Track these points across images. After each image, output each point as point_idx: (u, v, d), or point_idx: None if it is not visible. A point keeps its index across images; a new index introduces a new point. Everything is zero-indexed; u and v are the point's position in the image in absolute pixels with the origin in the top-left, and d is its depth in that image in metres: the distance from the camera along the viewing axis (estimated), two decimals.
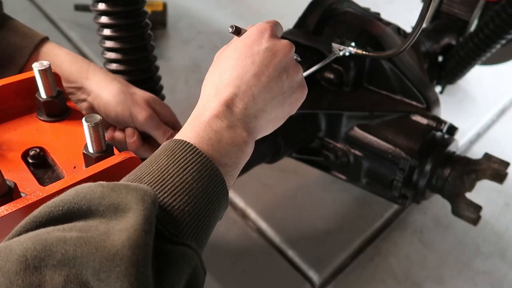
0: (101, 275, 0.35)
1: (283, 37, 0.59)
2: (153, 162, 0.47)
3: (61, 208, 0.39)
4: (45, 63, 0.64)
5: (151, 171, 0.46)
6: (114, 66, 0.82)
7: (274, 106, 0.55)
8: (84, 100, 0.76)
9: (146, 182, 0.44)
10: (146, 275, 0.36)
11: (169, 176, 0.45)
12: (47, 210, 0.39)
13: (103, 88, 0.74)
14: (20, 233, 0.38)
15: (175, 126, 0.78)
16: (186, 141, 0.48)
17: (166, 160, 0.46)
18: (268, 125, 0.58)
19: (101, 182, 0.43)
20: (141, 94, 0.76)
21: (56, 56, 0.76)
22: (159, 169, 0.46)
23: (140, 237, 0.37)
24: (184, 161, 0.46)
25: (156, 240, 0.39)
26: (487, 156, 0.87)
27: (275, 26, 0.58)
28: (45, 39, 0.77)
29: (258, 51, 0.54)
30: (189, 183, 0.45)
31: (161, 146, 0.49)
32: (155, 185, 0.44)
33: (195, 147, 0.47)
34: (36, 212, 0.40)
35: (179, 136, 0.50)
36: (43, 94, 0.66)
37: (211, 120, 0.51)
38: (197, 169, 0.46)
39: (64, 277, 0.34)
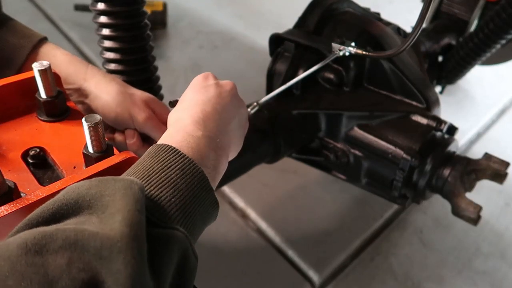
0: (102, 253, 0.36)
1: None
2: (138, 164, 0.50)
3: (51, 207, 0.41)
4: (45, 63, 0.64)
5: (137, 171, 0.48)
6: (112, 66, 0.82)
7: (235, 125, 0.62)
8: (82, 102, 0.76)
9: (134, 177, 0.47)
10: (144, 250, 0.38)
11: (154, 173, 0.48)
12: (38, 211, 0.40)
13: (102, 90, 0.74)
14: (14, 234, 0.39)
15: None
16: (168, 145, 0.51)
17: (151, 161, 0.50)
18: (236, 140, 0.63)
19: (89, 179, 0.44)
20: (139, 95, 0.76)
21: (54, 57, 0.76)
22: (144, 168, 0.49)
23: (135, 215, 0.39)
24: (167, 161, 0.49)
25: (147, 226, 0.41)
26: (487, 156, 0.87)
27: (213, 74, 0.67)
28: (43, 40, 0.77)
29: (208, 85, 0.62)
30: (173, 179, 0.48)
31: (147, 151, 0.52)
32: (142, 179, 0.47)
33: (177, 149, 0.51)
34: (29, 215, 0.41)
35: (160, 142, 0.54)
36: (43, 94, 0.66)
37: (188, 129, 0.55)
38: (180, 168, 0.49)
39: (66, 259, 0.35)
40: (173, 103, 0.69)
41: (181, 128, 0.55)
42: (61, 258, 0.35)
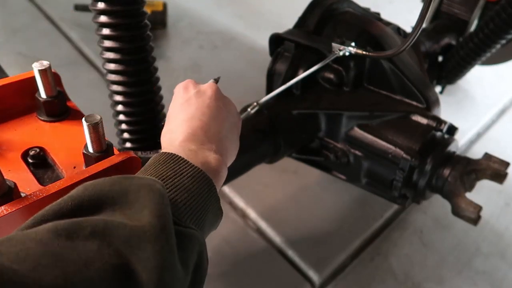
0: (132, 241, 0.37)
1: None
2: (148, 169, 0.51)
3: (69, 203, 0.41)
4: (45, 63, 0.64)
5: (151, 174, 0.49)
6: (112, 66, 0.82)
7: (227, 127, 0.62)
8: None
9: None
10: (173, 240, 0.40)
11: (168, 178, 0.49)
12: (55, 208, 0.41)
13: None
14: (28, 227, 0.39)
15: None
16: (176, 154, 0.53)
17: (162, 167, 0.51)
18: (231, 144, 0.63)
19: (108, 178, 0.45)
20: None
21: None
22: (157, 173, 0.50)
23: (162, 208, 0.41)
24: (178, 168, 0.51)
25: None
26: (487, 156, 0.87)
27: (193, 81, 0.68)
28: None
29: (190, 96, 0.63)
30: (185, 184, 0.49)
31: (151, 159, 0.53)
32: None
33: (185, 159, 0.52)
34: (41, 212, 0.41)
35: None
36: (43, 94, 0.66)
37: (182, 145, 0.56)
38: (191, 175, 0.51)
39: (96, 245, 0.36)
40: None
41: (176, 145, 0.56)
42: (91, 244, 0.36)
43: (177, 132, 0.58)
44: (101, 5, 0.78)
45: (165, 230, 0.40)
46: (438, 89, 1.39)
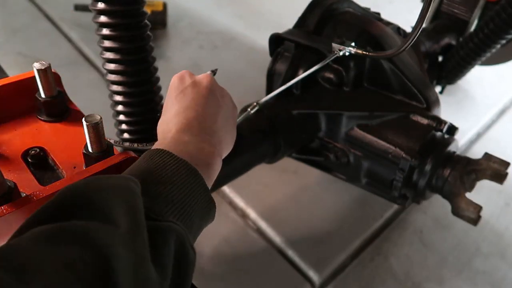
0: (109, 242, 0.38)
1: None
2: (133, 167, 0.51)
3: (49, 208, 0.41)
4: (45, 63, 0.64)
5: (132, 172, 0.50)
6: (112, 66, 0.82)
7: (222, 118, 0.62)
8: None
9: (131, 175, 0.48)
10: (144, 238, 0.40)
11: (150, 173, 0.49)
12: (36, 214, 0.41)
13: None
14: (15, 236, 0.40)
15: None
16: (161, 149, 0.53)
17: (146, 163, 0.51)
18: (226, 135, 0.63)
19: (84, 179, 0.46)
20: None
21: None
22: (139, 169, 0.50)
23: (133, 206, 0.42)
24: (162, 162, 0.51)
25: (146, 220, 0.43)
26: (487, 156, 0.87)
27: (189, 71, 0.68)
28: None
29: (185, 87, 0.63)
30: (168, 175, 0.49)
31: (140, 157, 0.53)
32: (137, 179, 0.47)
33: (170, 152, 0.52)
34: (27, 218, 0.41)
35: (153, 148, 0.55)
36: (43, 94, 0.67)
37: (175, 137, 0.56)
38: (175, 167, 0.50)
39: (78, 249, 0.37)
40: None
41: (169, 137, 0.56)
42: (73, 249, 0.37)
43: (171, 123, 0.59)
44: (101, 5, 0.77)
45: (137, 229, 0.40)
46: (438, 89, 1.39)
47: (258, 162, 0.95)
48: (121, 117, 0.83)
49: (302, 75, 0.89)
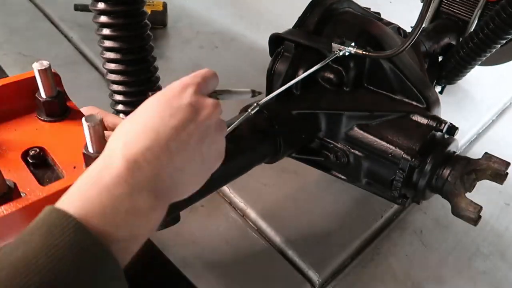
0: None
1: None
2: (24, 242, 0.39)
3: None
4: (45, 63, 0.64)
5: (16, 259, 0.38)
6: (112, 66, 0.82)
7: (193, 167, 0.49)
8: None
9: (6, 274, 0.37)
10: None
11: (37, 269, 0.37)
12: None
13: None
14: None
15: None
16: (69, 215, 0.40)
17: (39, 242, 0.39)
18: (188, 187, 0.51)
19: None
20: None
21: None
22: (26, 257, 0.38)
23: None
24: (59, 248, 0.38)
25: None
26: (487, 156, 0.87)
27: (203, 82, 0.53)
28: None
29: (179, 105, 0.49)
30: (63, 275, 0.37)
31: (40, 215, 0.41)
32: (17, 279, 0.37)
33: (77, 223, 0.40)
34: None
35: (65, 200, 0.43)
36: (43, 94, 0.67)
37: (110, 185, 0.43)
38: (74, 258, 0.38)
39: None
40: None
41: (105, 170, 0.44)
42: None
43: (129, 143, 0.46)
44: (101, 5, 0.78)
45: None
46: (438, 89, 1.39)
47: (258, 162, 0.95)
48: (121, 116, 0.83)
49: (302, 75, 0.89)
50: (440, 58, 1.32)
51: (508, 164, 0.86)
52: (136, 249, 0.45)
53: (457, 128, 0.93)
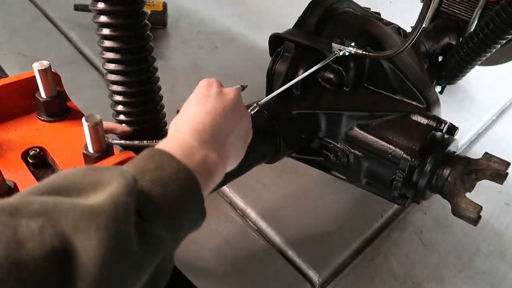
0: (80, 225, 0.35)
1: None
2: (132, 163, 0.49)
3: (40, 189, 0.39)
4: (45, 63, 0.64)
5: (131, 167, 0.48)
6: (112, 66, 0.82)
7: (236, 136, 0.62)
8: None
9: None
10: (127, 231, 0.37)
11: (147, 171, 0.47)
12: (25, 193, 0.39)
13: None
14: None
15: None
16: (163, 149, 0.51)
17: (145, 161, 0.49)
18: (234, 153, 0.63)
19: (83, 166, 0.45)
20: None
21: None
22: (138, 166, 0.48)
23: (122, 197, 0.39)
24: (161, 162, 0.49)
25: (137, 217, 0.41)
26: (487, 156, 0.87)
27: (218, 81, 0.67)
28: None
29: (210, 94, 0.62)
30: (165, 179, 0.47)
31: (140, 154, 0.51)
32: (136, 174, 0.46)
33: (171, 154, 0.50)
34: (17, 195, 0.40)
35: (158, 145, 0.54)
36: (43, 94, 0.67)
37: (185, 139, 0.55)
38: (173, 171, 0.48)
39: (39, 224, 0.34)
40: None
41: (178, 138, 0.55)
42: (34, 223, 0.34)
43: (185, 124, 0.58)
44: (101, 5, 0.78)
45: (118, 219, 0.37)
46: (438, 89, 1.39)
47: (258, 162, 0.95)
48: (121, 117, 0.83)
49: (302, 75, 0.89)
50: (440, 58, 1.32)
51: (508, 164, 0.86)
52: (209, 189, 0.55)
53: (457, 128, 0.93)
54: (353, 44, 0.90)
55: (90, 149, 0.57)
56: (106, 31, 0.80)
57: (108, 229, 0.36)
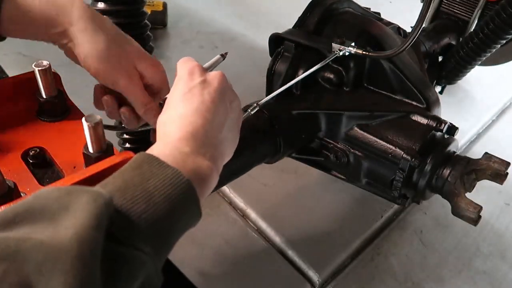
0: (43, 268, 0.33)
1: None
2: (119, 174, 0.47)
3: (11, 212, 0.38)
4: (45, 63, 0.64)
5: (116, 181, 0.45)
6: None
7: (228, 127, 0.59)
8: (64, 45, 0.69)
9: (108, 190, 0.44)
10: (93, 271, 0.35)
11: (131, 186, 0.45)
12: (2, 213, 0.38)
13: (87, 39, 0.66)
14: None
15: (162, 90, 0.73)
16: (153, 156, 0.49)
17: (132, 172, 0.46)
18: (228, 147, 0.60)
19: (60, 186, 0.42)
20: (128, 52, 0.69)
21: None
22: (123, 180, 0.46)
23: (88, 232, 0.36)
24: (148, 173, 0.46)
25: (110, 242, 0.39)
26: (487, 156, 0.87)
27: (199, 65, 0.63)
28: None
29: (194, 85, 0.58)
30: (150, 192, 0.44)
31: (131, 159, 0.49)
32: (117, 192, 0.43)
33: (162, 161, 0.48)
34: None
35: (148, 152, 0.51)
36: (43, 94, 0.67)
37: (176, 144, 0.52)
38: (161, 179, 0.46)
39: (2, 270, 0.32)
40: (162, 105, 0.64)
41: (169, 142, 0.52)
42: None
43: (174, 126, 0.54)
44: (101, 5, 0.78)
45: (84, 259, 0.34)
46: (438, 89, 1.39)
47: (258, 162, 0.95)
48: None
49: (302, 75, 0.89)
50: (440, 58, 1.32)
51: (508, 164, 0.86)
52: (204, 194, 0.53)
53: (457, 128, 0.93)
54: (353, 44, 0.90)
55: (90, 149, 0.57)
56: None
57: (72, 272, 0.33)
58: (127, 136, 0.90)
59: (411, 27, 0.80)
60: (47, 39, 0.67)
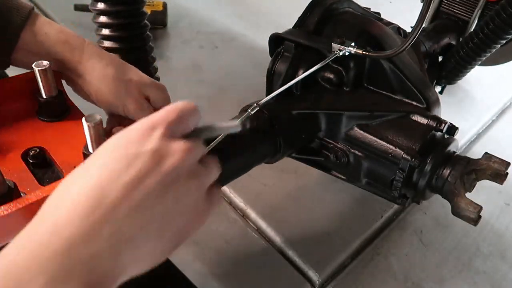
0: None
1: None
2: None
3: None
4: (45, 63, 0.64)
5: None
6: None
7: (148, 236, 0.38)
8: (74, 82, 0.73)
9: None
10: None
11: None
12: None
13: (96, 75, 0.70)
14: None
15: None
16: None
17: None
18: (138, 263, 0.39)
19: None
20: (135, 82, 0.73)
21: (46, 36, 0.71)
22: None
23: None
24: None
25: None
26: (487, 156, 0.87)
27: (178, 120, 0.41)
28: (31, 12, 0.71)
29: (139, 152, 0.38)
30: None
31: None
32: None
33: None
34: None
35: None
36: (43, 94, 0.67)
37: (42, 249, 0.33)
38: None
39: None
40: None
41: (37, 240, 0.34)
42: None
43: (59, 204, 0.36)
44: (101, 5, 0.78)
45: None
46: (438, 89, 1.39)
47: (258, 162, 0.95)
48: None
49: (302, 75, 0.89)
50: (440, 58, 1.32)
51: (508, 164, 0.86)
52: None
53: (457, 128, 0.93)
54: (353, 44, 0.90)
55: (90, 149, 0.57)
56: (106, 31, 0.80)
57: None
58: None
59: (411, 27, 0.80)
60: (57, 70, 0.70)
